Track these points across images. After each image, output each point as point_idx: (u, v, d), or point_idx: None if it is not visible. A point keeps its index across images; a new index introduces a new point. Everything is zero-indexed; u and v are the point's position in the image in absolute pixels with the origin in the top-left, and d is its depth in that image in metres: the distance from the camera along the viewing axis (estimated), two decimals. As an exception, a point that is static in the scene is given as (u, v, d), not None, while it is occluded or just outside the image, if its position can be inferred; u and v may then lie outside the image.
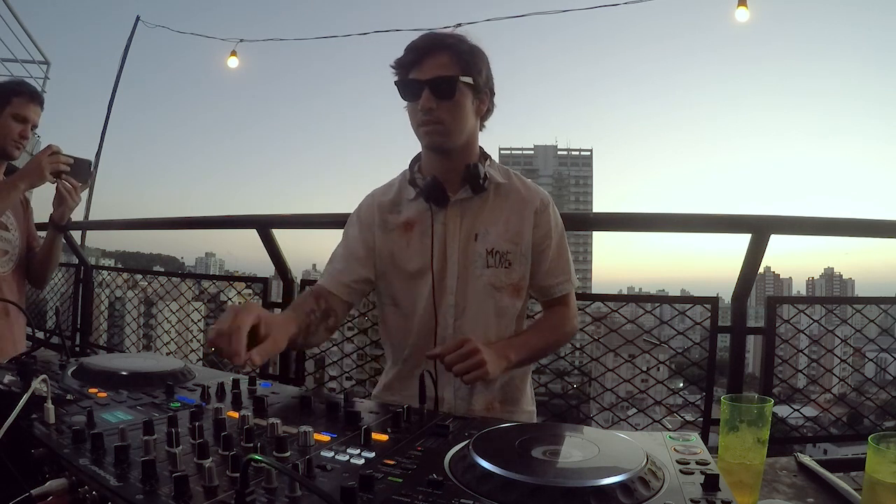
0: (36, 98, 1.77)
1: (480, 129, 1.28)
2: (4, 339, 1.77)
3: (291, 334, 1.03)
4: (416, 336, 1.25)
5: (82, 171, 1.77)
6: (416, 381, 1.20)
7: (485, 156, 1.28)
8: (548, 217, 1.27)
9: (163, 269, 2.26)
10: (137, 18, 8.16)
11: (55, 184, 1.74)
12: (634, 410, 2.26)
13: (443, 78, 1.14)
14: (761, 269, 2.23)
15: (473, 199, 1.24)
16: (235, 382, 0.91)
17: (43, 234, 1.96)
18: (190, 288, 3.22)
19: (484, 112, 1.25)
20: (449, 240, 1.23)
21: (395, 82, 1.18)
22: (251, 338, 0.85)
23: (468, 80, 1.16)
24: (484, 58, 1.21)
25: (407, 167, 1.29)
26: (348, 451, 0.65)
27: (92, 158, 1.83)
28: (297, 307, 1.15)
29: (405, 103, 1.20)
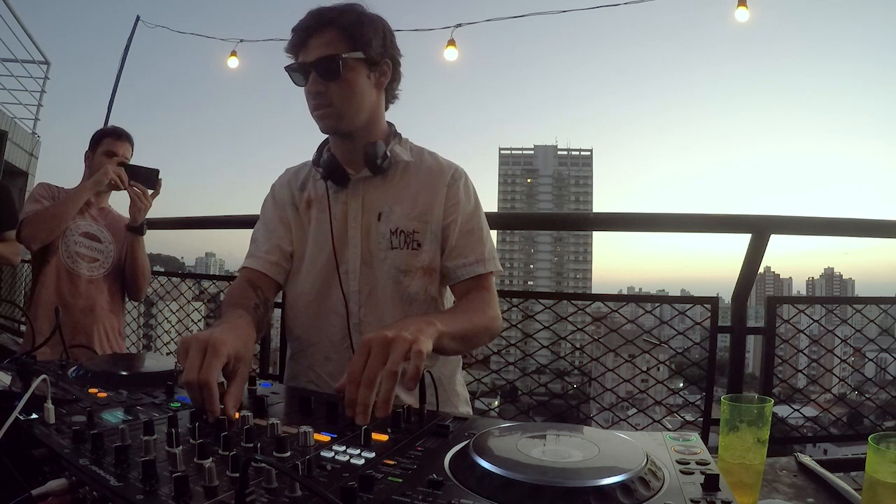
0: (123, 136, 2.14)
1: (391, 102, 1.20)
2: (91, 334, 2.03)
3: (255, 343, 0.98)
4: (305, 327, 1.19)
5: (149, 178, 2.07)
6: (314, 381, 1.17)
7: (394, 133, 1.20)
8: (457, 190, 1.17)
9: (163, 269, 2.27)
10: (137, 18, 8.15)
11: (123, 190, 2.04)
12: (634, 410, 2.27)
13: (327, 57, 1.06)
14: (761, 269, 2.24)
15: (376, 178, 1.16)
16: (235, 382, 0.91)
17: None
18: (190, 288, 3.23)
19: (388, 83, 1.16)
20: (350, 221, 1.16)
21: (285, 68, 1.11)
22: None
23: (357, 54, 1.08)
24: (377, 25, 1.11)
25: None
26: (348, 451, 0.65)
27: (158, 168, 2.09)
28: (243, 304, 1.06)
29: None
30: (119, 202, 2.28)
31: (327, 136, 1.21)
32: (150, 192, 2.08)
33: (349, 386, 0.77)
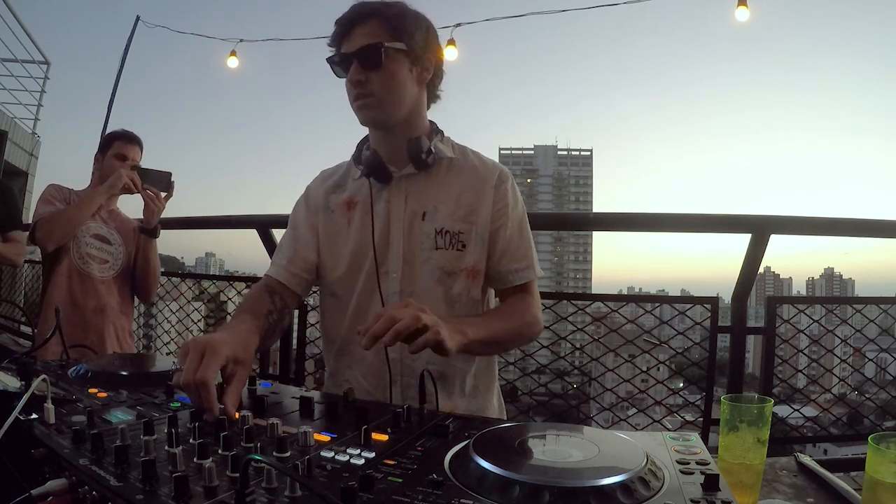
0: (133, 140, 2.17)
1: (433, 101, 1.19)
2: (102, 334, 2.05)
3: (256, 348, 0.98)
4: (347, 327, 1.16)
5: (161, 181, 2.11)
6: (351, 380, 1.16)
7: (436, 130, 1.18)
8: (505, 192, 1.16)
9: (163, 269, 2.28)
10: (137, 18, 8.15)
11: (136, 193, 2.07)
12: (634, 410, 2.27)
13: (369, 46, 1.05)
14: (761, 269, 2.24)
15: (420, 175, 1.14)
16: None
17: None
18: (190, 288, 3.22)
19: (429, 79, 1.15)
20: (392, 219, 1.13)
21: (327, 59, 1.11)
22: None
23: (398, 45, 1.07)
24: (419, 21, 1.11)
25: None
26: (348, 451, 0.65)
27: (170, 170, 2.12)
28: (255, 309, 1.07)
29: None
30: (127, 205, 2.31)
31: (366, 133, 1.19)
32: (163, 194, 2.11)
33: (371, 321, 0.87)
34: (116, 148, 2.13)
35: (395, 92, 1.09)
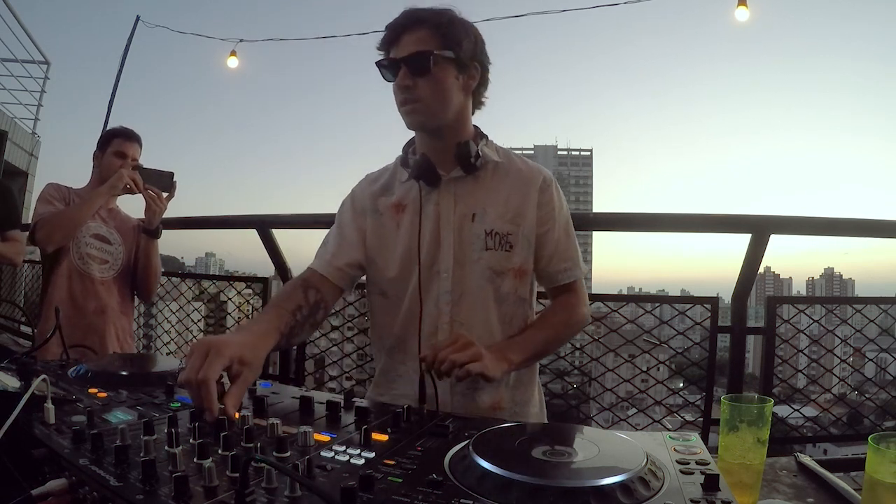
0: (133, 137, 2.15)
1: (477, 107, 1.23)
2: (104, 336, 2.04)
3: (271, 348, 0.97)
4: (400, 325, 1.19)
5: (163, 181, 2.09)
6: (403, 376, 1.19)
7: (481, 135, 1.22)
8: (551, 196, 1.20)
9: (163, 269, 2.27)
10: (137, 18, 8.16)
11: (138, 194, 2.05)
12: (634, 410, 2.26)
13: (418, 53, 1.09)
14: (761, 269, 2.24)
15: (468, 178, 1.18)
16: (235, 382, 0.91)
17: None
18: (190, 288, 3.22)
19: (475, 87, 1.19)
20: (443, 221, 1.17)
21: (376, 63, 1.14)
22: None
23: (447, 53, 1.11)
24: (467, 30, 1.15)
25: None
26: (348, 451, 0.65)
27: (173, 171, 2.11)
28: (282, 305, 1.08)
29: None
30: (128, 205, 2.27)
31: (412, 137, 1.22)
32: (164, 194, 2.09)
33: (431, 352, 0.97)
34: (116, 145, 2.10)
35: (442, 98, 1.13)
